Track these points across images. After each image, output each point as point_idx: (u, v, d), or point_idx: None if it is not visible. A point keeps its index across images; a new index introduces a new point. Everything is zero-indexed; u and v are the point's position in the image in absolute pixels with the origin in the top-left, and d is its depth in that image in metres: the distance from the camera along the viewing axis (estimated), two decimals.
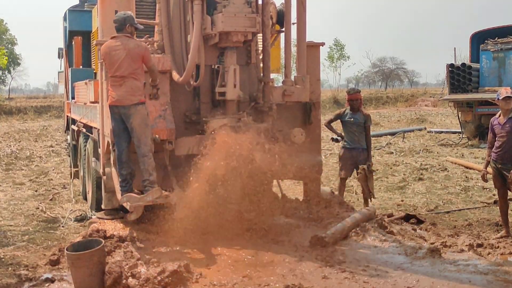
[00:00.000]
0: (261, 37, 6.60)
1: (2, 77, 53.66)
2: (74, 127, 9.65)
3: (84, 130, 8.29)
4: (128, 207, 5.58)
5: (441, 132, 20.36)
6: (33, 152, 16.27)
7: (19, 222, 7.61)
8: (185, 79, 6.00)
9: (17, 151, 16.47)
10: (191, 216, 5.46)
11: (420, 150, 15.32)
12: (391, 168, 12.13)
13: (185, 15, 6.16)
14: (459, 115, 18.04)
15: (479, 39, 18.21)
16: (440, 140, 17.98)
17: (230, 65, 5.95)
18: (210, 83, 6.37)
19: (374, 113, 31.74)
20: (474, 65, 17.74)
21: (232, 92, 5.93)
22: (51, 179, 11.48)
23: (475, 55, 18.40)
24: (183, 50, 6.24)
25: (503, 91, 6.65)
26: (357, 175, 7.73)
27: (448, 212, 8.08)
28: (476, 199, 8.93)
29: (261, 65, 6.67)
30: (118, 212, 6.39)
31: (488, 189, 9.31)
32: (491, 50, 17.26)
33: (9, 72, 53.55)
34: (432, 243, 6.05)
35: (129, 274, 4.57)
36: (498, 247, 6.18)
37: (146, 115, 5.66)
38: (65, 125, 12.07)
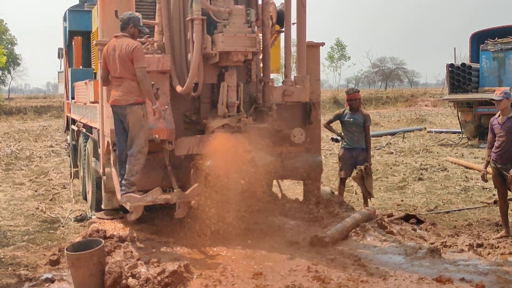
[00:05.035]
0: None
1: (2, 77, 53.66)
2: (74, 127, 9.65)
3: (84, 130, 8.29)
4: (128, 207, 5.57)
5: (441, 132, 20.35)
6: (33, 152, 16.27)
7: (19, 222, 7.61)
8: (184, 92, 6.02)
9: (17, 151, 16.47)
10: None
11: (420, 150, 15.31)
12: (391, 168, 12.13)
13: (185, 15, 6.15)
14: (459, 115, 18.03)
15: (479, 39, 18.21)
16: (440, 140, 17.98)
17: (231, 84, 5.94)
18: (210, 84, 6.36)
19: (374, 113, 31.77)
20: (474, 65, 17.72)
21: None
22: (51, 179, 11.47)
23: (475, 55, 18.39)
24: (183, 50, 6.24)
25: (496, 92, 6.69)
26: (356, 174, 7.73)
27: (448, 212, 8.07)
28: (476, 199, 8.92)
29: (261, 65, 6.67)
30: (118, 212, 6.40)
31: (488, 189, 9.31)
32: (491, 50, 17.25)
33: (9, 72, 53.55)
34: (432, 243, 6.05)
35: (129, 274, 4.57)
36: (498, 247, 6.18)
37: (141, 115, 5.59)
38: (65, 125, 12.07)
